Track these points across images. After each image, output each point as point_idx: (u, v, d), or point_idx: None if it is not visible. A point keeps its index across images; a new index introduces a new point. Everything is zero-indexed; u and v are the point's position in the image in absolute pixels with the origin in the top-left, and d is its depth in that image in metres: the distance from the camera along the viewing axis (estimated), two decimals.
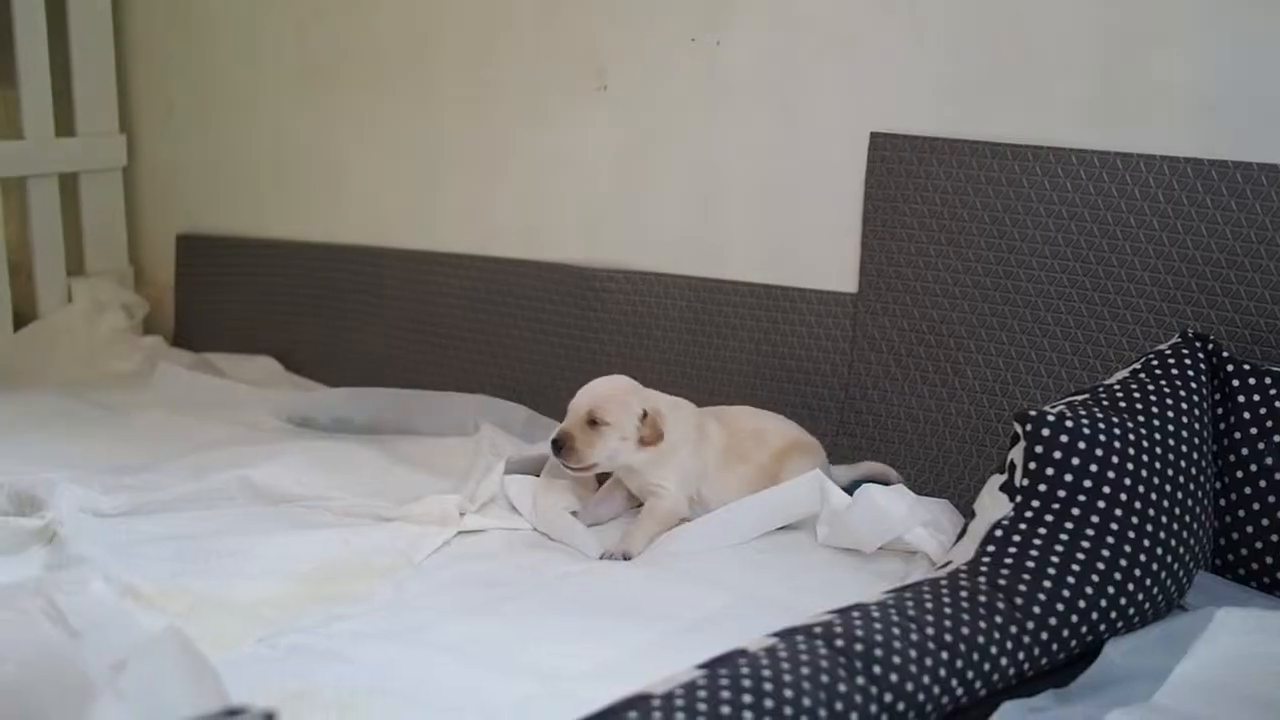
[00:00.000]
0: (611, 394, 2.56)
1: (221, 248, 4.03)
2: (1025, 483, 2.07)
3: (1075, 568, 1.97)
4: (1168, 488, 2.09)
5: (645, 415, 2.55)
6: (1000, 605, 1.89)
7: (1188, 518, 2.10)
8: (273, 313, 3.91)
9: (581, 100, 3.32)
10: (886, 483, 2.61)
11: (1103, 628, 1.97)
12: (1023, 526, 2.03)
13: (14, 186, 3.88)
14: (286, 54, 3.84)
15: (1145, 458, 2.08)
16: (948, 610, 1.83)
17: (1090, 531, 2.01)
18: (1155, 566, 2.02)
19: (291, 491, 2.72)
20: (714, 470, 2.61)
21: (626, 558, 2.47)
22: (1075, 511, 2.02)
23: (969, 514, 2.17)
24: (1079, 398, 2.21)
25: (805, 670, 1.63)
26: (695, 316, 3.18)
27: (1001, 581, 1.94)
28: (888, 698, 1.68)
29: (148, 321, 4.14)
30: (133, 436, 3.15)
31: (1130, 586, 1.99)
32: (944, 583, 1.92)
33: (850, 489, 2.50)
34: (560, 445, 2.53)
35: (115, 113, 4.09)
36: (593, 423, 2.52)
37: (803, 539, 2.52)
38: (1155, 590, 2.02)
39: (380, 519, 2.61)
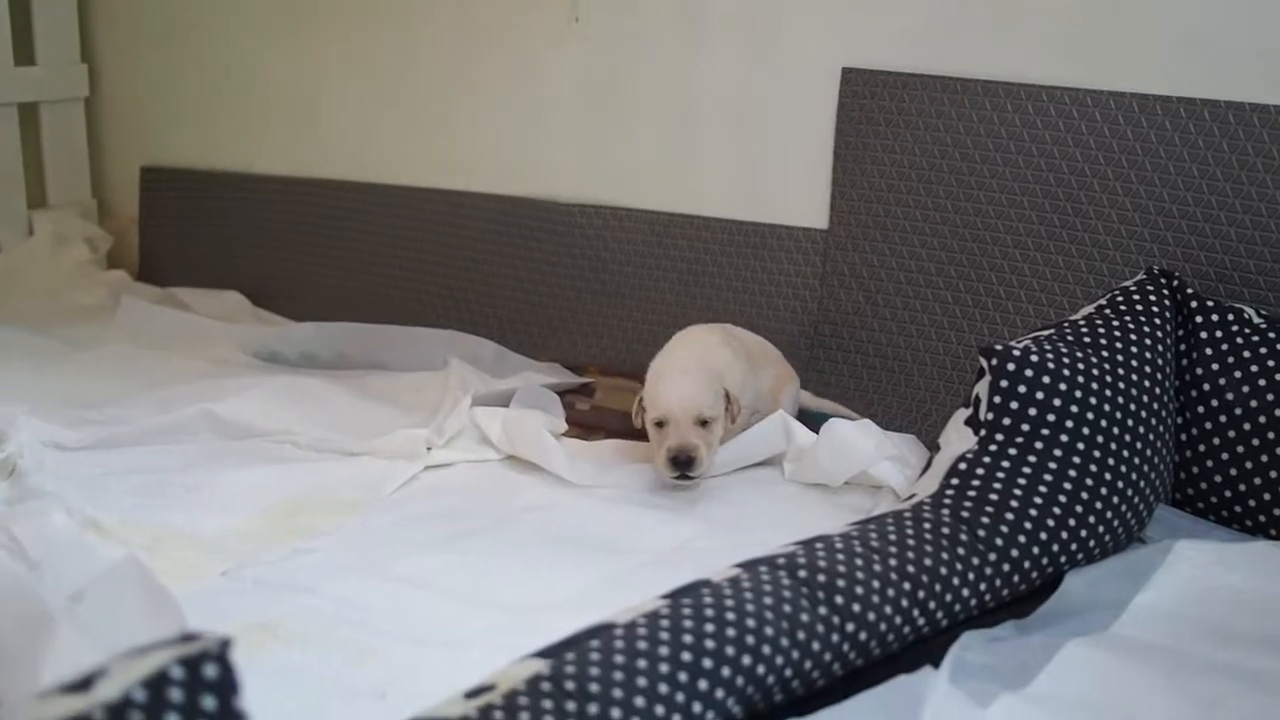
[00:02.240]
0: (703, 384, 2.41)
1: (187, 180, 3.99)
2: (989, 416, 2.08)
3: (1037, 500, 1.98)
4: (1130, 422, 2.10)
5: (727, 395, 2.46)
6: (963, 537, 1.90)
7: (1149, 452, 2.12)
8: (240, 247, 3.89)
9: (554, 34, 3.29)
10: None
11: (1063, 559, 1.98)
12: (986, 460, 2.04)
13: None
14: None
15: (1108, 392, 2.09)
16: (910, 542, 1.84)
17: (1052, 464, 2.02)
18: (1116, 499, 2.04)
19: (257, 426, 2.71)
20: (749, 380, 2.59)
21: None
22: (1038, 445, 2.03)
23: (935, 448, 2.18)
24: (1044, 333, 2.22)
25: (768, 600, 1.63)
26: (666, 252, 3.17)
27: (964, 514, 1.95)
28: (850, 627, 1.69)
29: (111, 255, 4.10)
30: (96, 371, 3.12)
31: (1091, 519, 2.00)
32: (907, 515, 1.93)
33: (815, 424, 2.51)
34: (690, 459, 2.37)
35: (77, 41, 4.02)
36: (702, 423, 2.40)
37: (770, 474, 2.52)
38: (1116, 523, 2.04)
39: (347, 453, 2.61)
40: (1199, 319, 2.29)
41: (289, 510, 2.33)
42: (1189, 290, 2.33)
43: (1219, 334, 2.28)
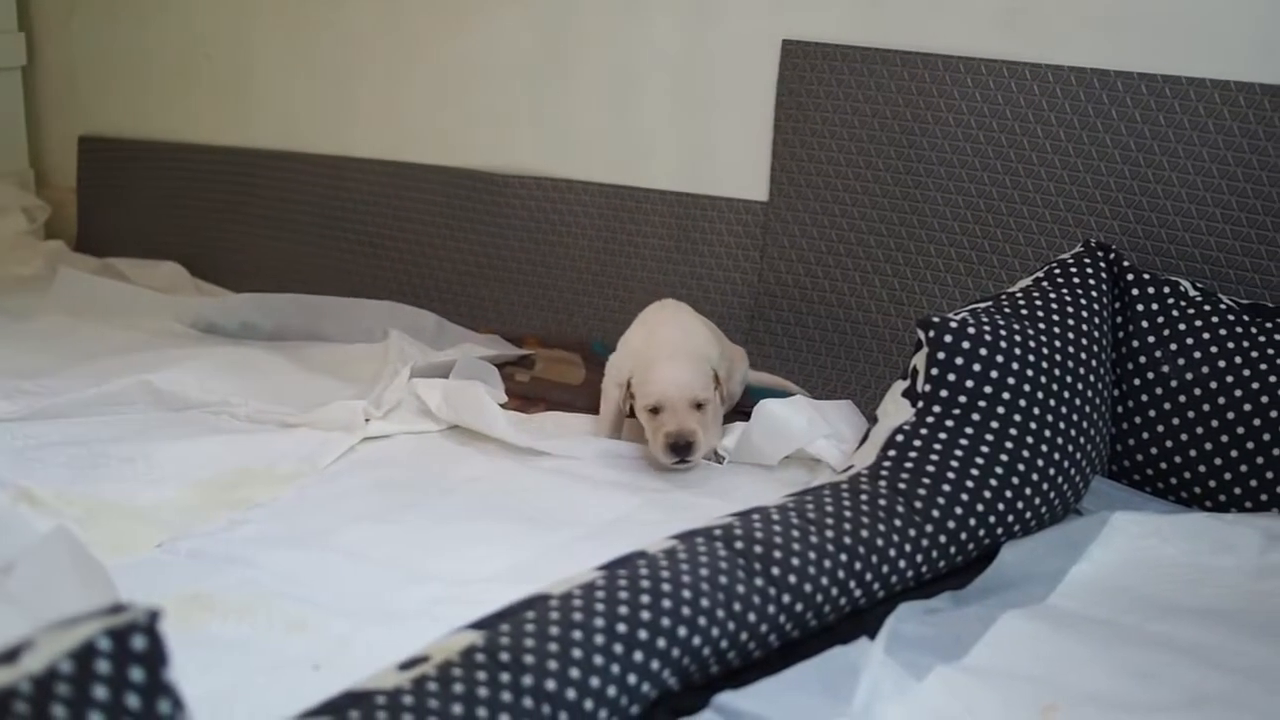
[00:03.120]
0: (695, 369, 2.39)
1: (125, 150, 3.95)
2: (927, 388, 2.09)
3: (974, 472, 1.99)
4: (1066, 394, 2.11)
5: (715, 376, 2.44)
6: (899, 509, 1.91)
7: (1085, 424, 2.13)
8: (179, 217, 3.85)
9: (494, 3, 3.27)
10: (786, 394, 2.63)
11: (1000, 531, 1.99)
12: (923, 431, 2.04)
13: None
14: None
15: (1045, 364, 2.10)
16: (847, 513, 1.85)
17: (989, 436, 2.03)
18: (1052, 471, 2.05)
19: (195, 397, 2.69)
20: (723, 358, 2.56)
21: (719, 458, 2.46)
22: (975, 417, 2.04)
23: (873, 420, 2.19)
24: (982, 305, 2.23)
25: (704, 571, 1.64)
26: (607, 224, 3.17)
27: (901, 485, 1.96)
28: (786, 599, 1.69)
29: (49, 225, 4.06)
30: (33, 342, 3.09)
31: (1028, 491, 2.01)
32: (844, 487, 1.93)
33: (756, 398, 2.51)
34: (689, 445, 2.33)
35: (14, 9, 3.98)
36: (697, 406, 2.37)
37: None
38: (1052, 495, 2.05)
39: (284, 425, 2.59)
40: (1135, 291, 2.31)
41: (225, 482, 2.32)
42: (1126, 263, 2.34)
43: (1155, 306, 2.29)
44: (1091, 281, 2.28)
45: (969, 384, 2.07)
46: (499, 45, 3.29)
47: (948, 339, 2.09)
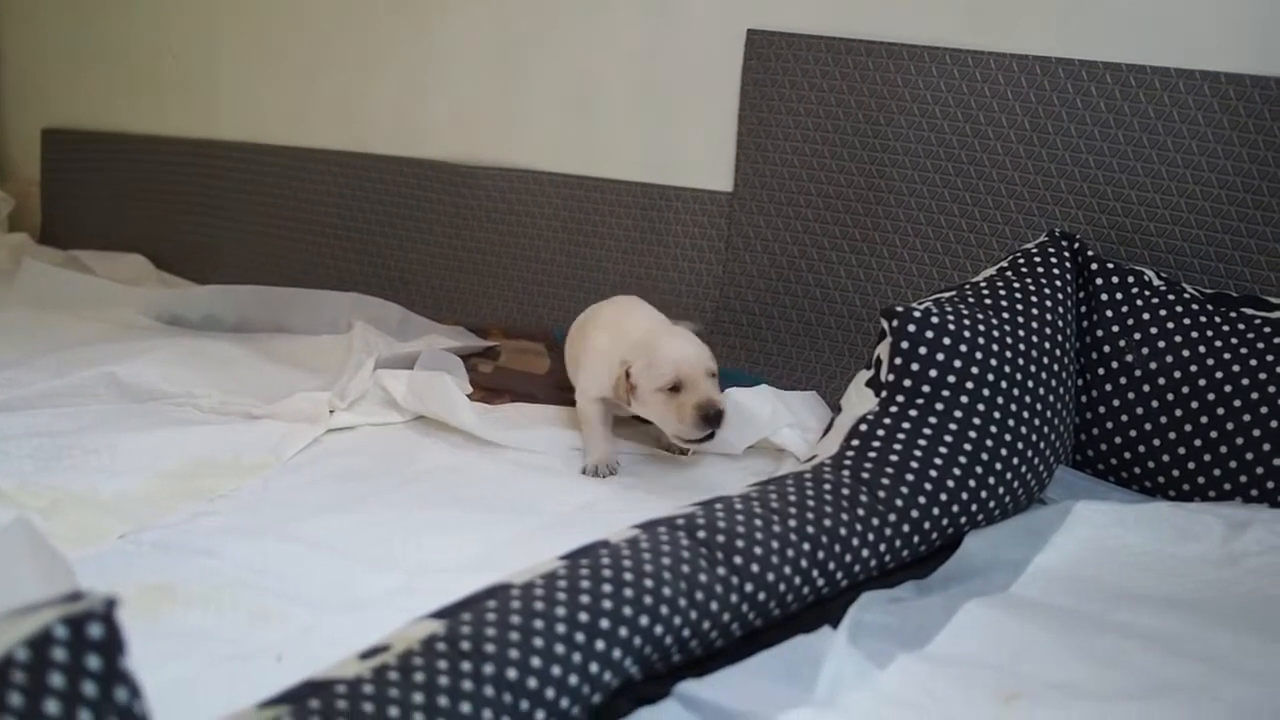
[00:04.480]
0: (700, 341, 2.35)
1: (90, 142, 3.93)
2: (890, 378, 2.09)
3: (937, 461, 1.99)
4: (1030, 384, 2.12)
5: None
6: (863, 498, 1.91)
7: (1049, 413, 2.14)
8: (143, 209, 3.84)
9: None
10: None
11: (963, 520, 2.00)
12: (887, 421, 2.05)
13: None
14: None
15: (1009, 354, 2.11)
16: (810, 503, 1.85)
17: (953, 426, 2.03)
18: (1016, 460, 2.05)
19: (159, 389, 2.69)
20: None
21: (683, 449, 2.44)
22: (939, 406, 2.05)
23: (837, 409, 2.19)
24: (946, 295, 2.23)
25: (666, 560, 1.63)
26: (571, 214, 3.16)
27: (865, 475, 1.96)
28: (748, 587, 1.69)
29: (13, 218, 4.05)
30: None
31: (991, 480, 2.02)
32: (808, 476, 1.93)
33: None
34: (720, 413, 2.25)
35: None
36: (711, 375, 2.31)
37: None
38: (1016, 484, 2.05)
39: (249, 416, 2.58)
40: (1099, 281, 2.32)
41: (189, 473, 2.31)
42: (1090, 252, 2.35)
43: (1119, 296, 2.30)
44: (1055, 271, 2.28)
45: (932, 373, 2.07)
46: (463, 36, 3.28)
47: (911, 328, 2.09)
